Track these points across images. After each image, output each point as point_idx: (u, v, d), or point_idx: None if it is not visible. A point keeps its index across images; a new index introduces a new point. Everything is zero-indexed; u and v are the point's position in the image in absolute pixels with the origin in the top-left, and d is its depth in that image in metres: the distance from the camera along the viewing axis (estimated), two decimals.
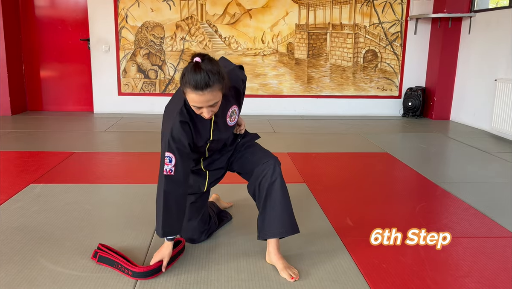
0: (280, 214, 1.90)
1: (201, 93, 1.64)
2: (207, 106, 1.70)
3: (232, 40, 5.97)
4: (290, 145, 4.36)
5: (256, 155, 2.01)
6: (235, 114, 1.97)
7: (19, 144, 4.18)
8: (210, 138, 1.92)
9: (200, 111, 1.73)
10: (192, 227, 2.10)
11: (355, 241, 2.20)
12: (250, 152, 2.05)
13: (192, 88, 1.64)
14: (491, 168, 3.66)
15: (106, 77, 5.94)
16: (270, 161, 1.92)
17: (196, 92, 1.65)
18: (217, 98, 1.70)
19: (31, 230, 2.26)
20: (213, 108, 1.73)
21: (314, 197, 2.82)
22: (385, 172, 3.53)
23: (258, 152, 2.03)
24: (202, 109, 1.71)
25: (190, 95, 1.67)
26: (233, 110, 1.95)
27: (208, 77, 1.63)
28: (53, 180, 3.10)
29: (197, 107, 1.71)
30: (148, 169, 3.40)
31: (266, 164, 1.91)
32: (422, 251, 2.10)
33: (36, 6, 5.86)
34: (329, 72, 6.13)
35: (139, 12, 5.81)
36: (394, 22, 6.04)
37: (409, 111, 6.08)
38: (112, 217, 2.47)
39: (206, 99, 1.67)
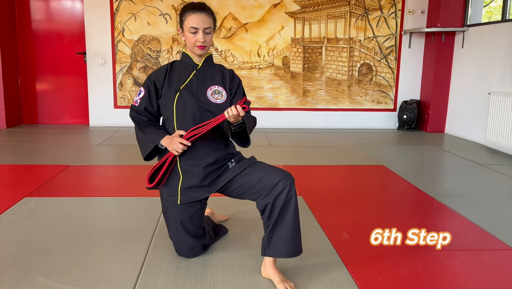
0: (290, 235, 1.88)
1: (199, 13, 1.96)
2: (202, 29, 1.97)
3: (228, 53, 6.01)
4: (286, 158, 4.37)
5: (268, 172, 1.93)
6: (220, 95, 2.05)
7: (14, 157, 4.16)
8: (180, 87, 2.02)
9: (196, 38, 1.98)
10: (186, 241, 2.08)
11: (351, 255, 2.19)
12: (259, 169, 1.97)
13: (191, 10, 1.98)
14: (487, 180, 3.68)
15: (102, 90, 5.95)
16: (286, 178, 1.87)
17: (194, 12, 1.97)
18: (211, 25, 2.00)
19: (25, 244, 2.24)
20: (206, 37, 1.99)
21: (311, 210, 2.82)
22: (381, 185, 3.53)
23: (269, 169, 1.96)
24: (198, 33, 1.97)
25: (189, 18, 1.97)
26: (217, 90, 2.06)
27: (204, 3, 2.02)
28: (48, 193, 3.08)
29: (193, 33, 1.97)
30: (144, 182, 3.38)
31: (282, 182, 1.85)
32: (418, 264, 2.10)
33: (32, 19, 5.89)
34: (325, 85, 6.17)
35: (136, 26, 5.85)
36: (389, 36, 6.11)
37: (404, 124, 6.11)
38: (106, 231, 2.45)
39: (202, 20, 1.96)
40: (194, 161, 2.03)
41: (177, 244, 2.11)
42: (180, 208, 2.04)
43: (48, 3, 5.90)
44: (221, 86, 2.07)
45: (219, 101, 2.04)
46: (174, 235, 2.09)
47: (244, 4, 5.90)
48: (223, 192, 2.08)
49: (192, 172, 2.03)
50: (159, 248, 2.22)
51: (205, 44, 2.00)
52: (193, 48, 2.03)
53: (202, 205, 2.10)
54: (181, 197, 2.03)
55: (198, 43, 1.99)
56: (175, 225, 2.05)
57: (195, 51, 2.03)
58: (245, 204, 2.41)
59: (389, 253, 2.20)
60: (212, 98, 2.03)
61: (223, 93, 2.06)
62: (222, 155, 2.07)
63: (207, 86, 2.05)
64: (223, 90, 2.07)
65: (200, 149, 2.03)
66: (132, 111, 2.11)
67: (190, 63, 2.09)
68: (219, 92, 2.05)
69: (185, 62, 2.10)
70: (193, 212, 2.06)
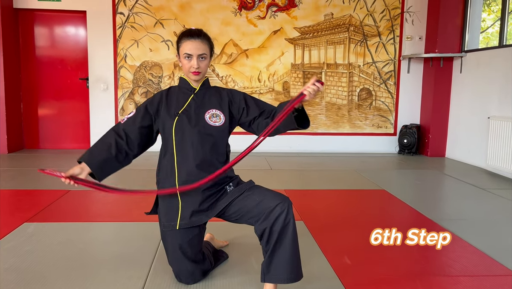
0: (290, 260, 1.86)
1: (193, 40, 1.98)
2: (197, 56, 1.98)
3: (229, 79, 6.07)
4: (286, 182, 4.36)
5: (266, 196, 1.93)
6: (218, 118, 2.06)
7: (14, 182, 4.15)
8: (179, 112, 2.03)
9: (190, 65, 1.99)
10: (186, 266, 2.06)
11: (353, 280, 2.16)
12: (257, 193, 1.97)
13: (186, 36, 2.00)
14: (488, 204, 3.66)
15: (104, 115, 6.00)
16: (283, 202, 1.87)
17: (189, 39, 1.99)
18: (206, 52, 2.01)
19: (22, 270, 2.22)
20: (201, 64, 2.00)
21: (311, 234, 2.79)
22: (382, 209, 3.51)
23: (267, 193, 1.96)
24: (193, 60, 1.98)
25: (184, 44, 1.99)
26: (215, 113, 2.06)
27: (200, 30, 2.03)
28: (47, 219, 3.06)
29: (188, 59, 1.99)
30: (143, 207, 3.36)
31: (279, 206, 1.85)
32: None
33: (36, 46, 5.99)
34: (325, 110, 6.22)
35: (138, 52, 5.94)
36: (387, 62, 6.19)
37: (405, 149, 6.12)
38: (106, 256, 2.43)
39: (197, 46, 1.98)
40: None
41: (176, 270, 2.08)
42: (179, 233, 2.02)
43: (52, 30, 6.01)
44: (218, 110, 2.08)
45: (218, 124, 2.05)
46: (173, 260, 2.07)
47: (244, 31, 6.00)
48: (221, 216, 2.07)
49: (190, 196, 2.02)
50: (159, 274, 2.20)
51: (200, 70, 2.01)
52: (188, 74, 2.05)
53: (201, 229, 2.09)
54: (180, 222, 2.02)
55: (192, 69, 2.01)
56: (174, 249, 2.04)
57: (190, 76, 2.05)
58: (245, 229, 2.40)
59: (391, 279, 2.18)
60: (211, 121, 2.04)
61: (221, 116, 2.07)
62: (220, 178, 2.05)
63: (205, 110, 2.07)
64: (221, 114, 2.07)
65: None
66: (115, 127, 2.08)
67: (187, 88, 2.11)
68: (217, 116, 2.06)
69: (183, 87, 2.12)
70: (192, 236, 2.04)
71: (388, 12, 6.11)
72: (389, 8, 6.10)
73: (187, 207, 2.02)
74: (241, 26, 5.99)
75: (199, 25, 5.81)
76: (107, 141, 2.01)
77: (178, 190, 1.97)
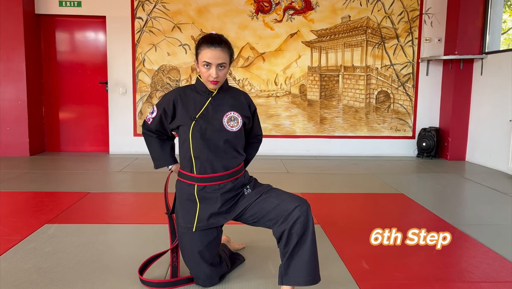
0: (308, 262, 1.85)
1: (214, 48, 1.92)
2: (216, 65, 1.93)
3: (246, 82, 6.09)
4: (303, 185, 4.34)
5: (284, 199, 1.93)
6: (236, 122, 2.05)
7: (35, 184, 4.24)
8: (196, 116, 2.01)
9: (209, 73, 1.95)
10: (203, 270, 2.07)
11: (371, 286, 2.14)
12: (275, 196, 1.98)
13: (206, 43, 1.94)
14: (510, 209, 3.58)
15: (122, 118, 6.08)
16: (302, 205, 1.87)
17: (209, 47, 1.92)
18: (225, 61, 1.95)
19: (43, 271, 2.26)
20: (220, 72, 1.96)
21: (329, 239, 2.78)
22: (400, 213, 3.47)
23: (285, 195, 1.96)
24: (211, 68, 1.94)
25: (203, 52, 1.94)
26: (234, 116, 2.05)
27: (221, 37, 1.97)
28: (67, 220, 3.11)
29: (207, 68, 1.95)
30: (162, 209, 3.40)
31: (298, 208, 1.85)
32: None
33: (58, 51, 6.11)
34: (342, 113, 6.18)
35: (156, 56, 6.01)
36: (406, 64, 6.12)
37: (424, 152, 6.04)
38: (124, 258, 2.46)
39: (217, 55, 1.92)
40: (211, 188, 2.05)
41: (194, 273, 2.09)
42: (197, 236, 2.04)
43: (73, 36, 6.13)
44: (237, 112, 2.06)
45: (235, 128, 2.04)
46: (191, 263, 2.08)
47: (261, 34, 6.02)
48: (238, 219, 2.07)
49: (210, 199, 2.04)
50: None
51: (218, 79, 1.97)
52: (206, 82, 2.01)
53: (218, 232, 2.10)
54: (197, 224, 2.04)
55: (210, 78, 1.96)
56: (192, 253, 2.05)
57: (208, 85, 2.01)
58: (262, 232, 2.40)
59: (410, 285, 2.15)
60: (228, 126, 2.03)
61: (239, 119, 2.06)
62: (238, 181, 2.07)
63: (223, 113, 2.04)
64: (238, 116, 2.06)
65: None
66: (144, 128, 2.21)
67: (204, 91, 2.07)
68: (235, 119, 2.05)
69: (200, 89, 2.08)
70: (211, 240, 2.05)
71: (406, 14, 6.05)
72: (408, 10, 6.04)
73: (205, 210, 2.04)
74: (257, 30, 6.01)
75: (216, 29, 5.85)
76: (154, 145, 2.23)
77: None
